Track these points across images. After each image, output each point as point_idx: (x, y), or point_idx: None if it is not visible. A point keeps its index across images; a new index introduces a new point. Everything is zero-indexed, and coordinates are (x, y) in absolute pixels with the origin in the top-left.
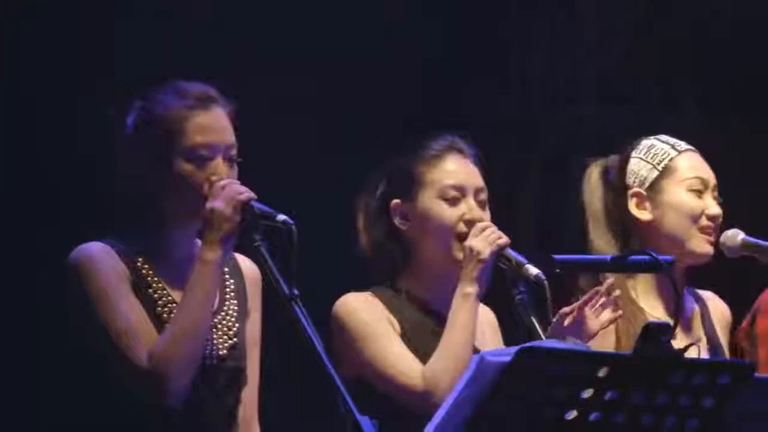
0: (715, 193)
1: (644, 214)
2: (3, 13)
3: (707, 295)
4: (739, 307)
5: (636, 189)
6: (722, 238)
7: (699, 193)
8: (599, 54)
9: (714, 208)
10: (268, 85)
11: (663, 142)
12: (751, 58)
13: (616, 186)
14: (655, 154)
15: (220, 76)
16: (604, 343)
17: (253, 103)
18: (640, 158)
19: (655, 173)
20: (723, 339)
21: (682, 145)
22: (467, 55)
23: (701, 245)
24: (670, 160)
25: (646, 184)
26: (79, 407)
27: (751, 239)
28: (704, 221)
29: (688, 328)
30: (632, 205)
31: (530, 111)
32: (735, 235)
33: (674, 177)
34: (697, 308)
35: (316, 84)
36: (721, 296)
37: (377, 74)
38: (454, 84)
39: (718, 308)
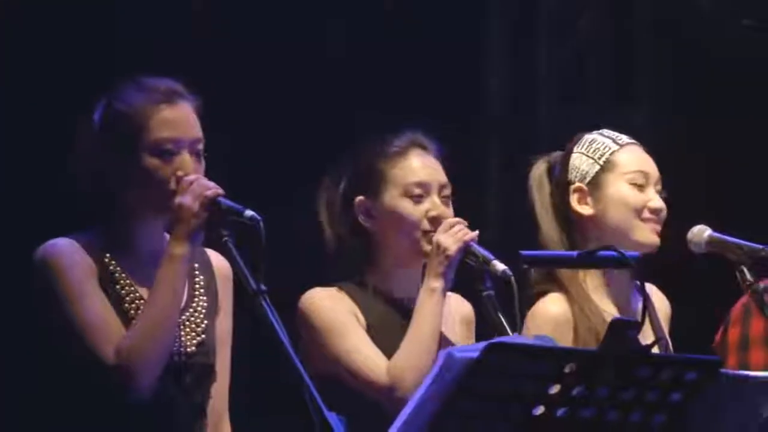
0: (659, 187)
1: (586, 209)
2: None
3: (651, 289)
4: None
5: (577, 184)
6: (689, 234)
7: (641, 187)
8: (558, 53)
9: (656, 202)
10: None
11: (605, 136)
12: (717, 57)
13: (559, 182)
14: (596, 149)
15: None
16: (562, 337)
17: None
18: (581, 153)
19: (596, 168)
20: (666, 331)
21: (624, 138)
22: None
23: (647, 235)
24: (611, 153)
25: (587, 179)
26: (46, 403)
27: (718, 235)
28: (647, 214)
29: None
30: (574, 201)
31: (492, 110)
32: (702, 231)
33: (615, 171)
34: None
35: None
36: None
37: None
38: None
39: (661, 302)
